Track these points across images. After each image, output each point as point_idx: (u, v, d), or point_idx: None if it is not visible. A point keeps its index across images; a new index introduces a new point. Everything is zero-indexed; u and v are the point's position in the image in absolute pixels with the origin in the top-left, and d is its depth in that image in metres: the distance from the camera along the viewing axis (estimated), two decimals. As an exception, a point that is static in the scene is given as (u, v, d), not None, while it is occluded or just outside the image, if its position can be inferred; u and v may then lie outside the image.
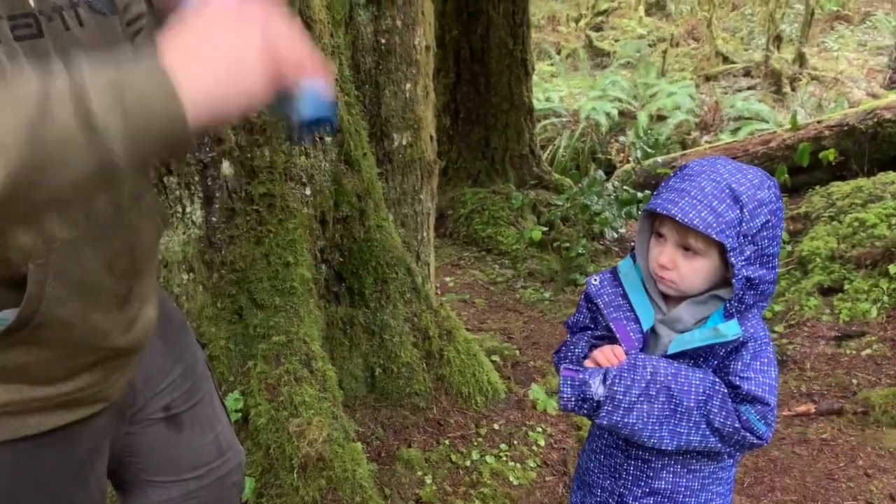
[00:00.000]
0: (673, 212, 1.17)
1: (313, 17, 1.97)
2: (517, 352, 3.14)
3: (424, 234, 2.92)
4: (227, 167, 1.98)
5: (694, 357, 1.26)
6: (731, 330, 1.22)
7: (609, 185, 4.92)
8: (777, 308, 3.47)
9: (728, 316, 1.24)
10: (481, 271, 4.46)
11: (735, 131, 7.10)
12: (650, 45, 10.03)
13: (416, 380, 2.36)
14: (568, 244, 4.40)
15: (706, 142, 7.04)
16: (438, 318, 2.53)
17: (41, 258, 0.88)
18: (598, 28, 10.53)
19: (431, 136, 2.93)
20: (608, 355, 1.26)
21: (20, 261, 0.87)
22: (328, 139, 2.15)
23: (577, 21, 10.61)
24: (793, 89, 8.50)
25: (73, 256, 0.92)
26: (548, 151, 7.34)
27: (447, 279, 4.31)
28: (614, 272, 1.35)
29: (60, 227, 0.89)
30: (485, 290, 4.21)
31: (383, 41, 2.67)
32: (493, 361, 2.78)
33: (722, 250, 1.20)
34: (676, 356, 1.26)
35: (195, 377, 1.21)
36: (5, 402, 0.94)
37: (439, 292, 3.65)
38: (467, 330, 2.84)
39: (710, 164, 1.25)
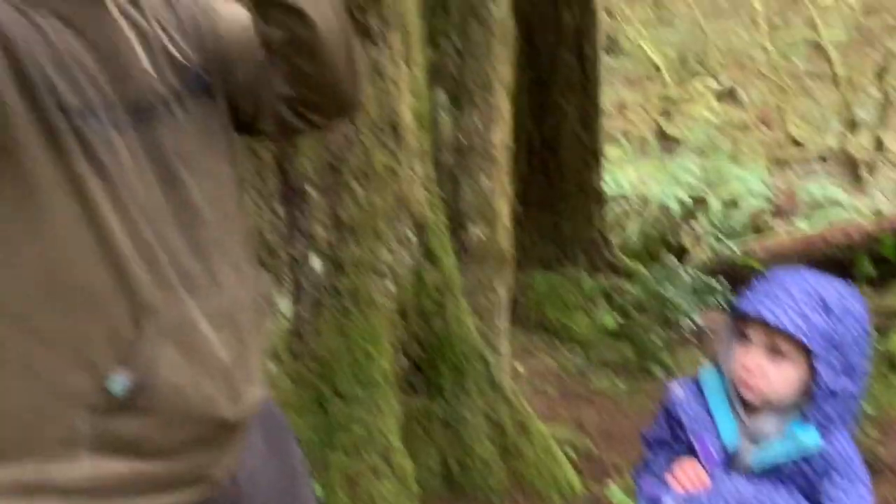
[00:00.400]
0: (763, 313, 1.18)
1: (401, 124, 2.08)
2: (591, 445, 3.09)
3: (499, 324, 2.96)
4: (316, 262, 2.08)
5: (780, 477, 1.24)
6: (810, 437, 1.20)
7: (683, 273, 4.88)
8: (868, 410, 3.33)
9: (808, 426, 1.21)
10: (552, 358, 4.44)
11: (811, 218, 6.98)
12: (721, 132, 10.04)
13: (492, 475, 2.35)
14: (642, 333, 4.35)
15: (785, 231, 6.92)
16: (513, 411, 2.54)
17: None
18: (667, 114, 10.62)
19: (507, 228, 3.00)
20: (689, 475, 1.24)
21: (131, 321, 0.94)
22: (411, 236, 2.24)
23: (645, 108, 10.74)
24: (870, 175, 8.34)
25: (183, 316, 0.98)
26: (618, 236, 7.34)
27: (518, 366, 4.30)
28: (696, 383, 1.34)
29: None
30: (556, 378, 4.17)
31: (463, 138, 2.78)
32: (565, 454, 2.75)
33: (808, 358, 1.19)
34: (761, 474, 1.23)
35: (295, 480, 1.25)
36: (118, 478, 0.97)
37: (511, 380, 3.65)
38: (539, 420, 2.82)
39: (795, 272, 1.26)
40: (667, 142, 9.99)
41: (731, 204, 7.69)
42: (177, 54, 1.08)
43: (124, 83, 0.99)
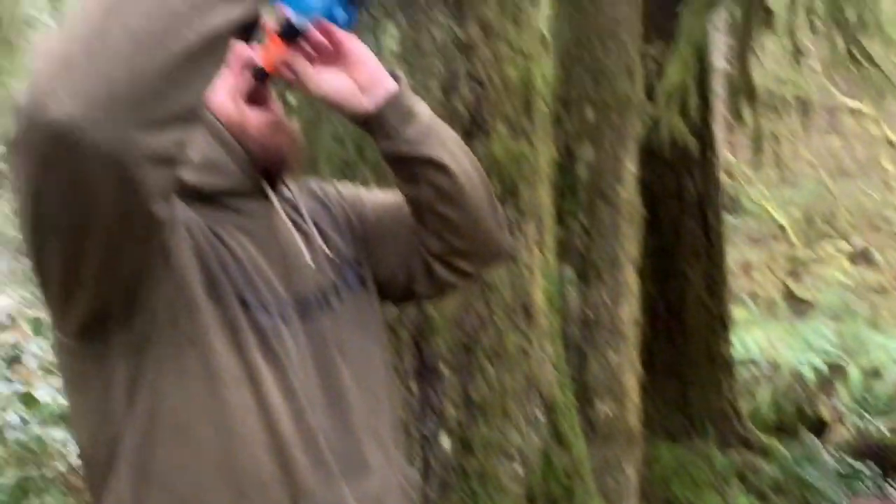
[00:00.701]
0: None
1: (534, 307, 2.14)
2: None
3: (627, 506, 2.82)
4: (446, 441, 2.09)
5: None
6: None
7: (825, 454, 4.52)
8: None
9: None
10: (682, 542, 4.13)
11: (969, 392, 6.37)
12: (856, 295, 9.55)
13: None
14: (781, 519, 4.01)
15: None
16: None
17: None
18: (795, 275, 10.27)
19: (635, 405, 2.92)
20: None
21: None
22: (540, 417, 2.22)
23: (771, 268, 10.44)
24: None
25: (337, 499, 1.04)
26: (748, 404, 6.93)
27: (645, 548, 4.02)
28: None
29: None
30: (687, 566, 3.86)
31: (591, 314, 2.80)
32: None
33: None
34: None
35: None
36: None
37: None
38: None
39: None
40: (797, 304, 9.58)
41: (874, 374, 7.16)
42: (333, 251, 1.19)
43: (291, 280, 1.09)
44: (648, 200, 4.97)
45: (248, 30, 0.93)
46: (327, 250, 1.17)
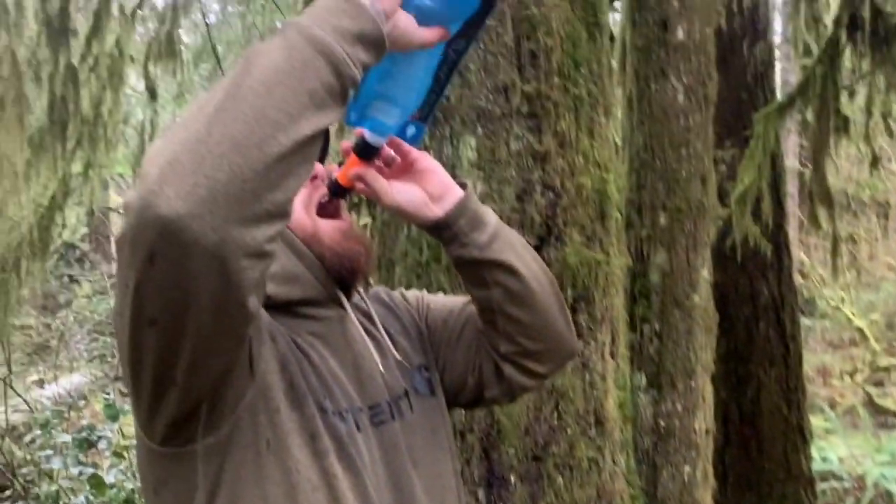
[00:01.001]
0: None
1: (606, 416, 2.09)
2: None
3: None
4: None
5: None
6: None
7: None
8: None
9: None
10: None
11: None
12: (946, 406, 8.99)
13: None
14: None
15: None
16: None
17: None
18: (878, 384, 9.76)
19: (710, 521, 2.79)
20: None
21: None
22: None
23: (851, 375, 9.97)
24: None
25: None
26: (830, 522, 6.50)
27: None
28: None
29: None
30: None
31: (663, 423, 2.72)
32: None
33: None
34: None
35: None
36: None
37: None
38: None
39: None
40: (880, 414, 9.06)
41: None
42: (402, 357, 1.20)
43: (364, 387, 1.11)
44: (721, 303, 4.87)
45: (322, 149, 1.01)
46: (398, 357, 1.19)
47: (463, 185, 1.16)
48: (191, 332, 0.83)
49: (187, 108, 0.84)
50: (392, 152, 1.11)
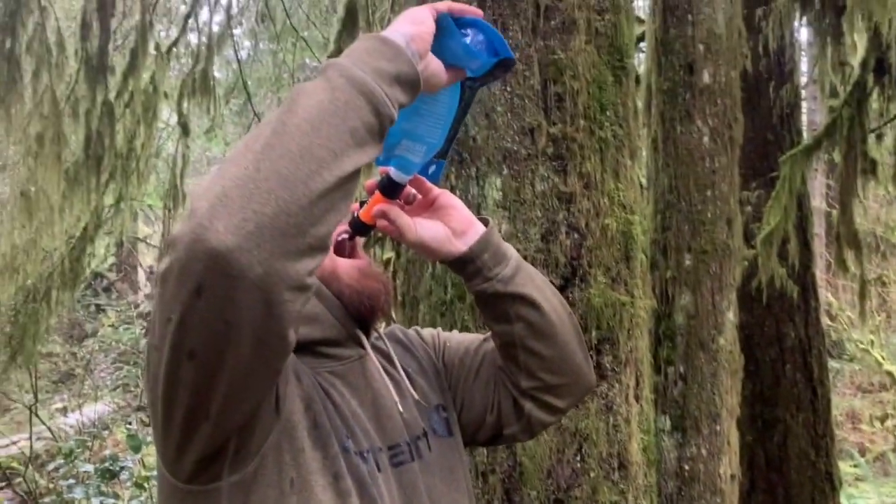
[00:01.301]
0: None
1: (630, 459, 2.06)
2: None
3: None
4: None
5: None
6: None
7: None
8: None
9: None
10: None
11: None
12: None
13: None
14: None
15: None
16: None
17: None
18: (909, 429, 9.52)
19: (735, 570, 2.73)
20: None
21: None
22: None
23: (882, 420, 9.74)
24: None
25: None
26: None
27: None
28: None
29: None
30: None
31: (687, 468, 2.68)
32: None
33: None
34: None
35: None
36: None
37: None
38: None
39: None
40: (912, 461, 8.82)
41: None
42: (421, 397, 1.21)
43: (384, 427, 1.12)
44: (747, 346, 4.81)
45: None
46: (416, 396, 1.20)
47: (485, 221, 1.18)
48: (229, 366, 0.85)
49: (234, 146, 0.87)
50: (413, 190, 1.14)
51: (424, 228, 1.13)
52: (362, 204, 1.13)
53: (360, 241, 1.18)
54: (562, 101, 2.03)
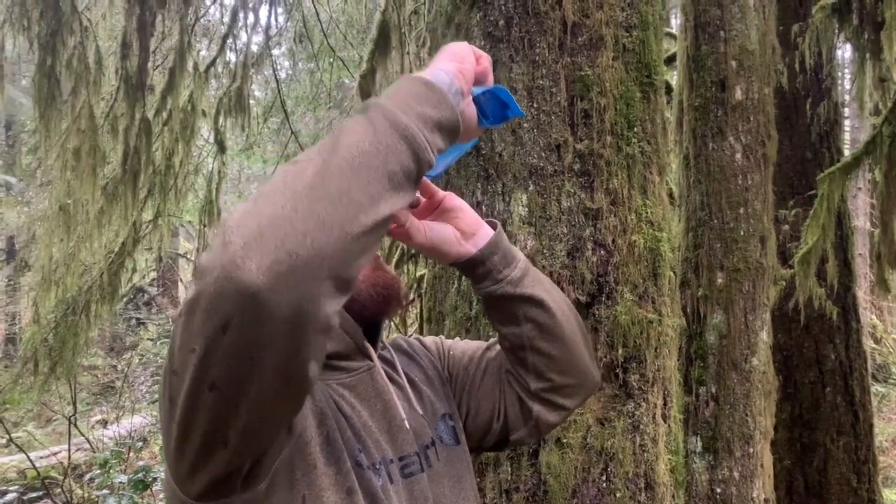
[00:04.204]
0: None
1: (657, 480, 2.03)
2: None
3: None
4: None
5: None
6: None
7: None
8: None
9: None
10: None
11: None
12: None
13: None
14: None
15: None
16: None
17: None
18: (959, 457, 9.19)
19: None
20: None
21: None
22: None
23: (930, 447, 9.40)
24: None
25: None
26: None
27: None
28: None
29: None
30: None
31: (718, 490, 2.62)
32: None
33: None
34: None
35: None
36: None
37: None
38: None
39: None
40: (962, 491, 8.48)
41: None
42: (427, 406, 1.21)
43: (395, 438, 1.12)
44: (785, 367, 4.71)
45: None
46: (421, 408, 1.20)
47: (492, 224, 1.18)
48: (251, 399, 0.84)
49: (273, 175, 0.86)
50: (418, 194, 1.14)
51: (433, 231, 1.14)
52: None
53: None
54: (588, 117, 2.03)
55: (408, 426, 1.14)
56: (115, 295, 4.29)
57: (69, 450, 5.96)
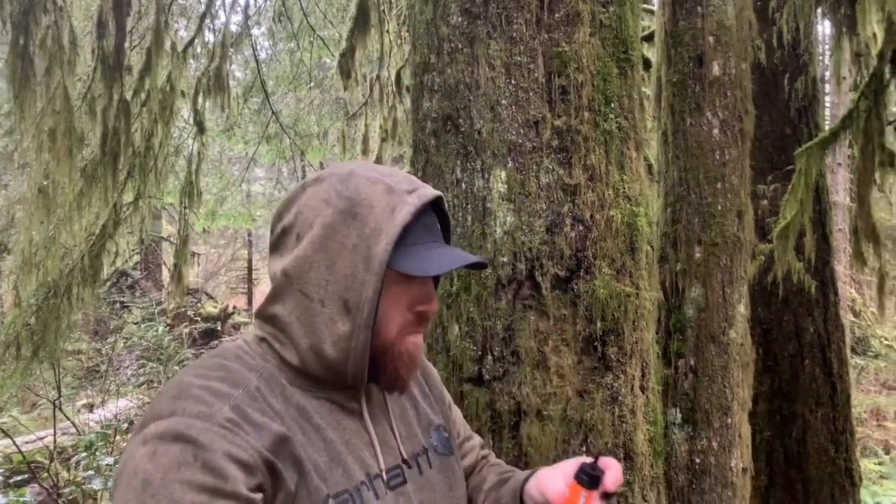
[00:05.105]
0: None
1: (636, 450, 2.06)
2: None
3: None
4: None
5: None
6: None
7: None
8: None
9: None
10: None
11: None
12: None
13: None
14: None
15: None
16: None
17: None
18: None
19: (747, 563, 2.71)
20: None
21: None
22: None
23: (908, 418, 9.60)
24: None
25: None
26: (883, 572, 6.23)
27: None
28: None
29: None
30: None
31: (697, 460, 2.67)
32: None
33: None
34: None
35: None
36: None
37: None
38: None
39: None
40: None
41: None
42: (422, 416, 1.23)
43: (384, 448, 1.13)
44: (765, 341, 4.78)
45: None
46: (415, 416, 1.23)
47: None
48: None
49: None
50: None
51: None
52: None
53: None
54: (566, 93, 2.04)
55: (400, 437, 1.17)
56: (97, 278, 4.27)
57: (55, 433, 5.95)
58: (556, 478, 1.22)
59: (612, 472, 1.17)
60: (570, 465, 1.23)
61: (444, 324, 2.06)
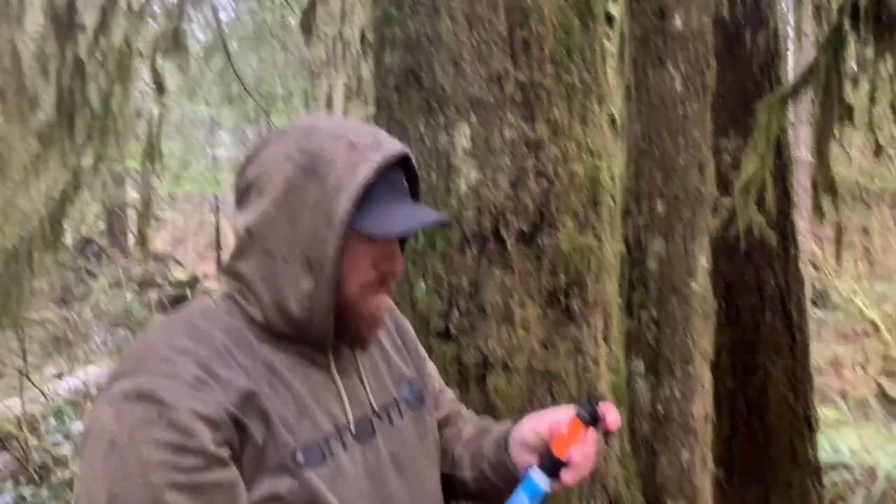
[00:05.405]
0: None
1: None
2: None
3: None
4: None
5: None
6: None
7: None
8: None
9: None
10: None
11: None
12: (960, 397, 8.90)
13: None
14: None
15: None
16: None
17: None
18: (891, 375, 9.69)
19: (709, 507, 2.81)
20: None
21: None
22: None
23: (864, 366, 9.91)
24: None
25: None
26: (840, 514, 6.48)
27: None
28: None
29: None
30: None
31: (661, 409, 2.74)
32: None
33: None
34: None
35: None
36: None
37: None
38: None
39: None
40: (892, 405, 9.00)
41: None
42: (394, 367, 1.25)
43: (352, 400, 1.14)
44: (727, 294, 4.87)
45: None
46: (386, 368, 1.24)
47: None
48: None
49: None
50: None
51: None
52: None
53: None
54: (528, 46, 2.03)
55: (370, 389, 1.17)
56: (57, 244, 4.20)
57: (22, 402, 5.90)
58: (548, 416, 1.26)
59: (613, 413, 1.21)
60: (562, 409, 1.26)
61: (410, 280, 2.07)
